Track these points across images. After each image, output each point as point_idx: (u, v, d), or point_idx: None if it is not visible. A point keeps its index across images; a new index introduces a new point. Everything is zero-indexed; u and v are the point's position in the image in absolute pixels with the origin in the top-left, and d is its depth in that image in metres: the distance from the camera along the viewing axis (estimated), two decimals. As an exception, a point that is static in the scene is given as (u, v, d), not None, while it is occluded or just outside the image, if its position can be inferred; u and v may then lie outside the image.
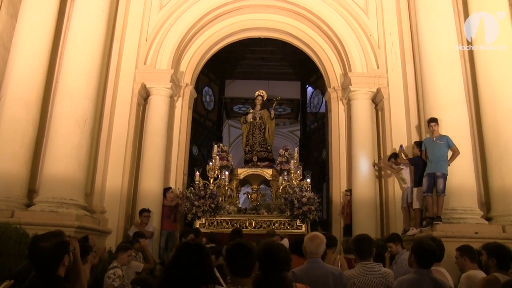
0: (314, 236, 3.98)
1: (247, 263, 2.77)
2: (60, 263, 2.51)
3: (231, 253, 2.82)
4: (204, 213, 9.93)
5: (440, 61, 8.34)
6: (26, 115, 8.05)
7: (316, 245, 3.85)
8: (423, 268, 3.69)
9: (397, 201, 9.09)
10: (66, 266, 2.57)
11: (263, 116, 12.12)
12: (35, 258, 2.51)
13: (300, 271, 3.73)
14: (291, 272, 3.64)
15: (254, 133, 11.98)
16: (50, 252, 2.48)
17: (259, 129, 12.00)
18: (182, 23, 10.49)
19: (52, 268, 2.49)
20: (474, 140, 8.55)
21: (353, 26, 10.42)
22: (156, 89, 10.22)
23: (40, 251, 2.48)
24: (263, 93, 12.62)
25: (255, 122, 12.08)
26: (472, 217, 7.59)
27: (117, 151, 9.51)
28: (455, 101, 8.16)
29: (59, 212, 7.45)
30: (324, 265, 3.89)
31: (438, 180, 7.67)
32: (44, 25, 8.54)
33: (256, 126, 12.04)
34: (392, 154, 9.21)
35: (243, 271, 2.76)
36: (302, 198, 9.86)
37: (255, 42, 14.03)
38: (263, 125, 12.04)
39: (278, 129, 16.35)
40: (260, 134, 11.93)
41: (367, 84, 10.13)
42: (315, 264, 3.80)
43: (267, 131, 11.99)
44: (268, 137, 11.96)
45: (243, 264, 2.76)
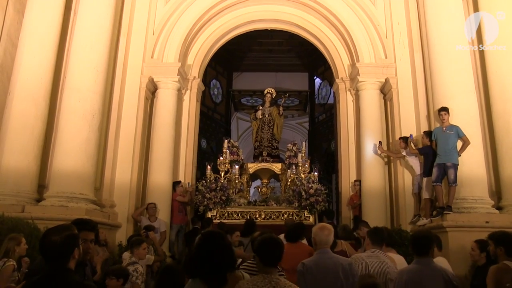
0: (323, 227, 4.09)
1: (276, 254, 3.10)
2: (70, 256, 2.54)
3: (263, 245, 3.14)
4: (216, 205, 10.16)
5: (448, 50, 8.24)
6: (34, 110, 8.08)
7: (326, 236, 3.94)
8: (421, 256, 3.75)
9: (407, 190, 9.04)
10: (76, 259, 2.60)
11: (272, 113, 12.38)
12: (46, 252, 2.53)
13: (310, 262, 3.83)
14: (301, 263, 3.76)
15: (263, 129, 12.25)
16: (61, 245, 2.50)
17: (268, 125, 12.26)
18: (188, 16, 10.45)
19: (63, 261, 2.52)
20: (484, 129, 8.48)
21: (361, 16, 10.33)
22: (163, 83, 10.21)
23: (51, 244, 2.50)
24: (272, 91, 12.87)
25: (264, 118, 12.34)
26: (482, 206, 7.53)
27: (126, 145, 9.54)
28: (464, 90, 8.08)
29: (69, 206, 7.50)
30: (333, 255, 3.97)
31: (449, 171, 7.60)
32: (50, 21, 8.54)
33: (265, 122, 12.30)
34: (402, 137, 9.11)
35: (272, 261, 3.08)
36: (310, 190, 10.05)
37: (262, 34, 13.99)
38: (272, 121, 12.30)
39: (286, 121, 16.32)
40: (269, 130, 12.21)
41: (375, 74, 10.05)
42: (325, 255, 3.88)
43: (275, 127, 12.27)
44: (276, 133, 12.25)
45: (272, 255, 3.08)
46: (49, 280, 2.48)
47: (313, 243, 3.98)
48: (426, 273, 3.67)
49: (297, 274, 3.81)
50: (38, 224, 6.51)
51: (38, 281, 2.54)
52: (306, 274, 3.73)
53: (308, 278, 3.71)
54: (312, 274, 3.72)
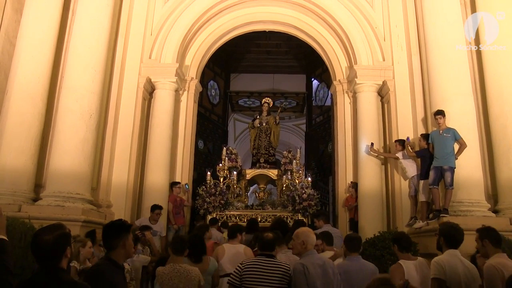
0: (311, 231, 4.47)
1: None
2: (63, 255, 2.52)
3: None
4: (215, 209, 10.82)
5: (446, 52, 8.26)
6: (31, 109, 8.07)
7: (314, 239, 4.36)
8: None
9: (403, 192, 9.04)
10: (69, 258, 2.59)
11: (269, 122, 13.10)
12: (38, 251, 2.51)
13: (307, 262, 4.09)
14: (299, 264, 4.09)
15: (260, 137, 12.95)
16: (53, 244, 2.48)
17: (265, 134, 12.98)
18: (186, 17, 10.45)
19: (55, 260, 2.50)
20: (481, 131, 8.49)
21: (359, 19, 10.34)
22: (161, 83, 10.20)
23: (42, 244, 2.48)
24: (269, 101, 13.62)
25: (261, 127, 13.02)
26: (479, 209, 7.53)
27: (123, 145, 9.52)
28: (461, 92, 8.07)
29: (66, 206, 7.48)
30: (320, 256, 4.52)
31: (446, 174, 7.61)
32: (49, 20, 8.53)
33: (263, 130, 13.02)
34: (399, 140, 9.13)
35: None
36: (303, 195, 10.78)
37: (260, 36, 14.03)
38: (269, 129, 13.04)
39: (283, 123, 16.43)
40: (266, 138, 12.93)
41: (372, 77, 10.06)
42: (315, 255, 4.30)
43: (272, 135, 12.98)
44: (273, 141, 12.97)
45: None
46: (41, 279, 2.46)
47: (303, 244, 4.22)
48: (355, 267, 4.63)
49: (296, 273, 4.01)
50: (34, 223, 6.47)
51: (30, 280, 2.52)
52: (307, 273, 3.96)
53: (308, 276, 3.95)
54: (310, 273, 3.96)
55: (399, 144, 8.99)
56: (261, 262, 4.17)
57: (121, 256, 3.15)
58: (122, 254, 3.14)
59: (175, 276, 4.46)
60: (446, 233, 4.09)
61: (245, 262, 4.26)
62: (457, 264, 3.85)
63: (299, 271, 3.99)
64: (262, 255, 4.29)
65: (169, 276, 4.47)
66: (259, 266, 4.13)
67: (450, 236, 4.05)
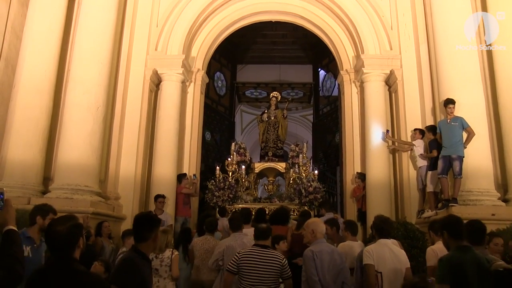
0: (320, 221, 4.87)
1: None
2: (75, 245, 2.57)
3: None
4: (224, 202, 10.82)
5: (454, 41, 8.15)
6: (39, 103, 8.11)
7: (323, 228, 4.78)
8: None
9: (412, 183, 9.01)
10: (81, 248, 2.63)
11: (277, 115, 13.12)
12: (52, 242, 2.57)
13: (316, 249, 4.50)
14: (310, 250, 4.50)
15: (268, 131, 12.97)
16: (66, 235, 2.54)
17: (273, 127, 12.97)
18: (192, 8, 10.41)
19: (68, 250, 2.55)
20: (490, 120, 8.41)
21: (365, 7, 10.25)
22: (167, 75, 10.20)
23: (56, 234, 2.54)
24: (277, 95, 13.72)
25: (270, 121, 13.05)
26: (488, 199, 7.49)
27: (130, 137, 9.56)
28: (470, 81, 7.99)
29: (74, 198, 7.54)
30: (328, 244, 4.87)
31: (454, 163, 7.56)
32: (55, 13, 8.55)
33: (271, 124, 13.02)
34: (419, 129, 9.04)
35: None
36: (309, 188, 10.76)
37: (266, 26, 13.94)
38: (277, 123, 13.04)
39: (290, 114, 16.35)
40: (274, 131, 12.94)
41: (380, 66, 9.98)
42: (324, 243, 4.69)
43: (280, 129, 12.99)
44: (281, 134, 13.00)
45: None
46: (54, 269, 2.51)
47: (313, 233, 4.64)
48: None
49: (306, 259, 4.47)
50: (43, 216, 6.51)
51: (44, 270, 2.56)
52: (316, 259, 4.40)
53: (317, 262, 4.40)
54: (320, 259, 4.42)
55: (419, 133, 8.90)
56: (256, 252, 4.53)
57: (150, 248, 3.31)
58: (151, 247, 3.30)
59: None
60: (377, 226, 4.56)
61: (242, 252, 4.62)
62: (384, 251, 4.32)
63: (308, 257, 4.45)
64: (257, 245, 4.62)
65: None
66: (255, 256, 4.49)
67: (380, 228, 4.53)
